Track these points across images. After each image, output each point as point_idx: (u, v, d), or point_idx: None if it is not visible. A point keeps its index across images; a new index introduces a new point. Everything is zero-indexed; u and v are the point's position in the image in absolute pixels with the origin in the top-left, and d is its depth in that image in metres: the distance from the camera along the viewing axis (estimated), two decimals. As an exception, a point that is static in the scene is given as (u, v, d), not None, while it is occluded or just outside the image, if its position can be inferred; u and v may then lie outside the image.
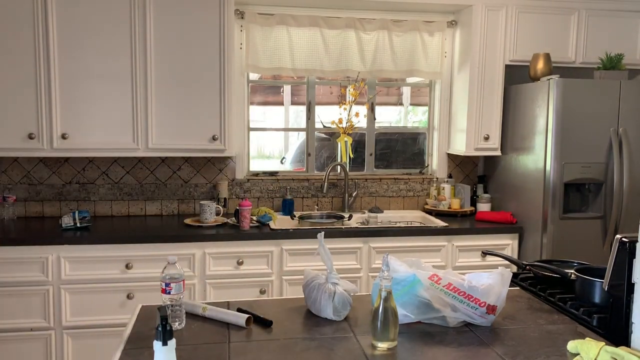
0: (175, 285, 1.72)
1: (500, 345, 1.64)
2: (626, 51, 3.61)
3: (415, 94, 4.28)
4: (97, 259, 3.09)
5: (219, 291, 3.21)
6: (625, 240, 1.65)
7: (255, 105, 3.99)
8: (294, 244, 3.29)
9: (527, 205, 3.53)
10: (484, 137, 3.74)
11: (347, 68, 3.81)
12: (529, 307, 1.97)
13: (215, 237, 3.23)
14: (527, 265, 2.26)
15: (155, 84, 3.32)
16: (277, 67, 3.74)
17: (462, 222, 3.65)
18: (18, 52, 3.17)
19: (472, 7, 3.64)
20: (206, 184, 3.79)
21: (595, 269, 1.98)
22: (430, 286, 1.73)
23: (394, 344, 1.61)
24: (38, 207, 3.62)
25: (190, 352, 1.58)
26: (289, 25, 3.71)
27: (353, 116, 3.89)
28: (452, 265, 3.45)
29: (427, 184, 4.07)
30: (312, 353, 1.58)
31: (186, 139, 3.39)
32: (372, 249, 3.36)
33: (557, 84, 3.25)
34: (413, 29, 3.85)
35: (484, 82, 3.69)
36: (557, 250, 3.30)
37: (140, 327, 1.75)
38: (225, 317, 1.80)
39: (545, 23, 3.68)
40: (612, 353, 1.45)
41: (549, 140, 3.30)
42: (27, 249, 3.03)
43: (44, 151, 3.27)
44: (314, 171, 4.02)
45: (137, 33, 3.26)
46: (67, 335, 3.09)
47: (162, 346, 1.31)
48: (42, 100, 3.21)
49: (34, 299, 3.04)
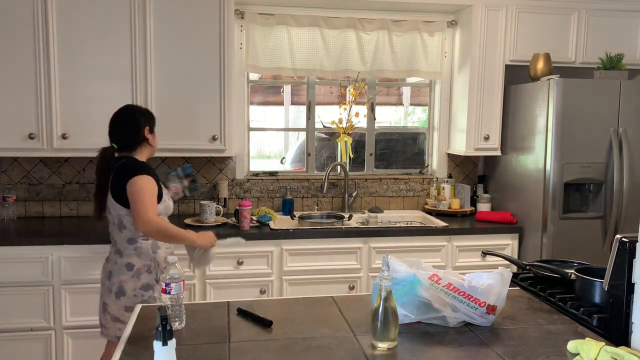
0: (175, 285, 1.72)
1: (500, 345, 1.64)
2: (626, 51, 3.61)
3: (415, 94, 4.28)
4: (97, 259, 3.08)
5: (219, 291, 3.21)
6: (625, 240, 1.65)
7: (255, 105, 3.99)
8: (294, 244, 3.29)
9: (527, 205, 3.53)
10: (484, 137, 3.74)
11: (347, 68, 3.81)
12: (529, 307, 1.97)
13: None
14: (527, 265, 2.26)
15: (155, 83, 3.32)
16: (277, 67, 3.74)
17: (462, 222, 3.65)
18: (18, 52, 3.17)
19: (472, 7, 3.64)
20: (206, 184, 3.79)
21: (595, 269, 1.98)
22: (430, 286, 1.73)
23: (394, 344, 1.61)
24: (38, 207, 3.62)
25: (190, 352, 1.58)
26: (289, 25, 3.71)
27: (353, 116, 3.89)
28: (452, 265, 3.45)
29: (427, 184, 4.07)
30: (312, 353, 1.58)
31: (186, 139, 3.39)
32: (372, 249, 3.36)
33: (557, 84, 3.25)
34: (413, 29, 3.85)
35: (484, 82, 3.69)
36: (557, 250, 3.30)
37: (140, 327, 1.75)
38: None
39: (545, 23, 3.68)
40: (612, 353, 1.45)
41: (549, 140, 3.30)
42: (27, 249, 3.02)
43: (44, 151, 3.27)
44: (314, 171, 4.02)
45: (137, 33, 3.26)
46: (67, 335, 3.09)
47: (162, 346, 1.31)
48: (42, 100, 3.21)
49: (34, 299, 3.04)
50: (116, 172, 2.51)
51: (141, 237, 2.51)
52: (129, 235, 2.50)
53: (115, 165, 2.53)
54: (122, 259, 2.51)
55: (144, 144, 2.60)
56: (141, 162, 2.55)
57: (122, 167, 2.50)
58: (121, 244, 2.52)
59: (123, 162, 2.52)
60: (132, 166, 2.49)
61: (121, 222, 2.50)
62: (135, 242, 2.50)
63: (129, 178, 2.43)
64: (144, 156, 2.60)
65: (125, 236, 2.51)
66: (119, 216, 2.50)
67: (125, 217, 2.48)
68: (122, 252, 2.52)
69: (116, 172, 2.51)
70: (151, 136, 2.62)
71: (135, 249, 2.50)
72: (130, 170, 2.46)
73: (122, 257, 2.51)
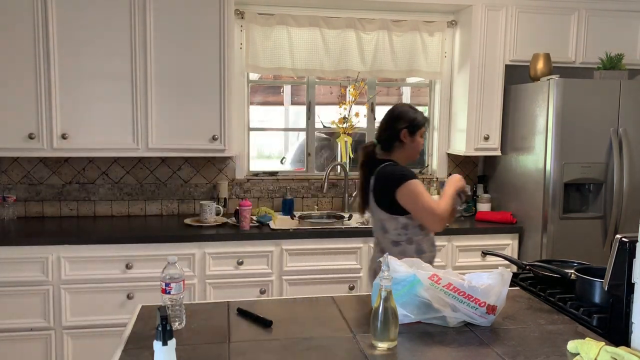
0: (175, 285, 1.72)
1: (500, 345, 1.64)
2: (626, 51, 3.60)
3: (415, 94, 4.28)
4: (97, 259, 3.09)
5: (219, 291, 3.21)
6: (625, 240, 1.65)
7: (255, 105, 3.99)
8: (294, 244, 3.29)
9: (527, 205, 3.52)
10: (484, 137, 3.73)
11: (347, 68, 3.81)
12: (529, 307, 1.97)
13: (215, 237, 3.23)
14: (527, 265, 2.26)
15: (155, 84, 3.32)
16: (277, 67, 3.74)
17: (462, 222, 3.65)
18: (18, 52, 3.17)
19: (472, 7, 3.64)
20: (206, 184, 3.79)
21: (595, 269, 1.98)
22: (430, 286, 1.73)
23: (394, 344, 1.61)
24: (38, 207, 3.62)
25: (190, 352, 1.58)
26: (289, 25, 3.71)
27: (353, 116, 3.89)
28: (452, 265, 3.45)
29: (427, 184, 4.06)
30: (312, 353, 1.58)
31: (186, 139, 3.39)
32: (372, 249, 3.36)
33: (557, 84, 3.25)
34: (413, 29, 3.85)
35: (484, 82, 3.69)
36: (557, 250, 3.30)
37: (140, 327, 1.75)
38: None
39: (545, 23, 3.68)
40: (612, 353, 1.45)
41: (549, 140, 3.30)
42: (27, 249, 3.03)
43: (44, 151, 3.27)
44: (314, 171, 4.02)
45: (137, 33, 3.26)
46: (67, 335, 3.09)
47: (162, 346, 1.31)
48: (42, 100, 3.21)
49: (34, 299, 3.04)
50: (378, 178, 2.47)
51: (405, 241, 2.47)
52: (393, 238, 2.48)
53: (377, 168, 2.49)
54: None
55: (401, 145, 2.51)
56: (400, 168, 2.47)
57: (382, 175, 2.46)
58: (386, 245, 2.50)
59: (382, 169, 2.47)
60: (391, 175, 2.44)
61: (383, 226, 2.50)
62: (399, 244, 2.47)
63: (394, 189, 2.39)
64: (402, 158, 2.53)
65: (389, 239, 2.49)
66: (381, 220, 2.49)
67: (387, 222, 2.46)
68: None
69: (377, 177, 2.48)
70: (409, 139, 2.50)
71: (399, 251, 2.44)
72: (391, 179, 2.42)
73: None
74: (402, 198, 2.39)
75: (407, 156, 2.55)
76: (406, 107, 2.59)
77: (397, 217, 2.44)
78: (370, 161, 2.54)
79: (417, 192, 2.39)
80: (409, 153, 2.55)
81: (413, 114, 2.54)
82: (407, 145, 2.52)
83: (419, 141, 2.54)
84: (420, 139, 2.54)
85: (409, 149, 2.53)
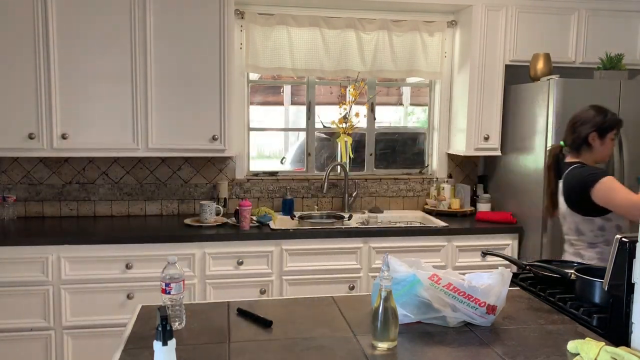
0: (175, 285, 1.72)
1: (500, 345, 1.64)
2: (626, 51, 3.60)
3: (415, 94, 4.28)
4: (97, 259, 3.09)
5: (219, 291, 3.21)
6: (625, 241, 1.65)
7: (255, 105, 3.99)
8: (294, 244, 3.29)
9: (527, 205, 3.52)
10: (484, 137, 3.73)
11: (347, 68, 3.81)
12: (529, 307, 1.97)
13: (215, 237, 3.23)
14: (527, 265, 2.26)
15: (155, 84, 3.32)
16: (277, 67, 3.74)
17: (462, 222, 3.65)
18: (18, 52, 3.17)
19: (472, 7, 3.64)
20: (206, 184, 3.79)
21: (595, 269, 1.98)
22: (430, 286, 1.73)
23: (394, 344, 1.61)
24: (38, 207, 3.62)
25: (190, 352, 1.58)
26: (289, 26, 3.71)
27: (353, 116, 3.89)
28: (452, 265, 3.45)
29: (427, 184, 4.07)
30: (312, 353, 1.58)
31: (186, 139, 3.39)
32: (372, 249, 3.36)
33: (557, 84, 3.25)
34: (413, 29, 3.85)
35: (484, 82, 3.69)
36: (557, 250, 3.29)
37: (140, 327, 1.75)
38: None
39: (545, 23, 3.68)
40: (612, 353, 1.45)
41: (549, 140, 3.29)
42: (27, 249, 3.03)
43: (44, 151, 3.27)
44: (314, 171, 4.02)
45: (137, 33, 3.26)
46: (67, 335, 3.09)
47: (162, 346, 1.31)
48: (42, 100, 3.21)
49: (34, 299, 3.04)
50: (567, 180, 2.45)
51: (602, 242, 2.43)
52: (589, 240, 2.46)
53: (565, 171, 2.46)
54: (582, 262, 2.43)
55: (589, 149, 2.47)
56: (589, 168, 2.43)
57: (572, 177, 2.43)
58: (581, 247, 2.48)
59: (570, 172, 2.44)
60: (581, 176, 2.40)
61: (578, 229, 2.48)
62: (596, 246, 2.44)
63: (587, 190, 2.34)
64: (590, 160, 2.49)
65: (584, 241, 2.47)
66: (575, 222, 2.48)
67: (581, 224, 2.44)
68: (582, 256, 2.48)
69: (566, 180, 2.45)
70: (599, 142, 2.47)
71: (597, 253, 2.42)
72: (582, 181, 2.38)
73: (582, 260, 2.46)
74: (598, 197, 2.34)
75: (595, 158, 2.52)
76: (591, 112, 2.54)
77: (592, 218, 2.41)
78: (557, 163, 2.51)
79: (613, 187, 2.33)
80: (598, 155, 2.51)
81: (601, 116, 2.49)
82: (596, 149, 2.48)
83: (609, 144, 2.50)
84: (611, 141, 2.50)
85: (599, 151, 2.49)
